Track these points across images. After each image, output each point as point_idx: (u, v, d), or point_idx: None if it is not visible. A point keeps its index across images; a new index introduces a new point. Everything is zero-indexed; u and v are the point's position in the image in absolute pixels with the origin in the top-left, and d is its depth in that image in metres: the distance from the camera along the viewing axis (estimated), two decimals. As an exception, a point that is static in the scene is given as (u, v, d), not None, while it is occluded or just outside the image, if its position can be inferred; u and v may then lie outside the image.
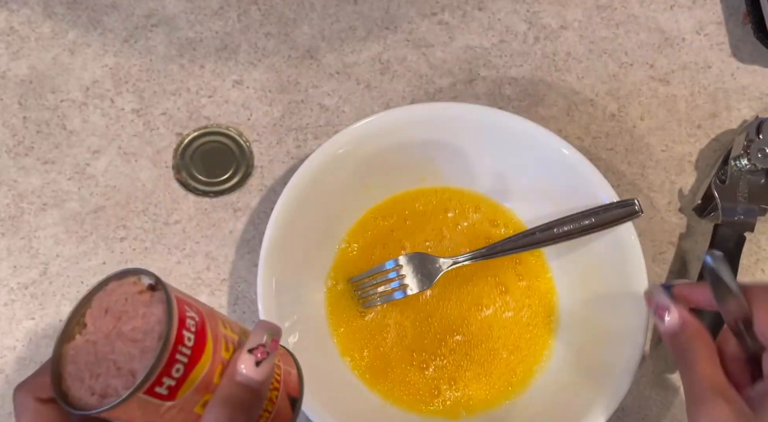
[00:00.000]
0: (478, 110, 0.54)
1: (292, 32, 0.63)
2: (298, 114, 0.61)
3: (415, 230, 0.57)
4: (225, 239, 0.58)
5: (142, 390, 0.30)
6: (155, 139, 0.60)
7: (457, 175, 0.57)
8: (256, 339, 0.33)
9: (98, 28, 0.62)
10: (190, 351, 0.31)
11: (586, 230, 0.52)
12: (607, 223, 0.52)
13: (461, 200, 0.58)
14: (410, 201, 0.58)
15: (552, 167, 0.54)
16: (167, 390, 0.31)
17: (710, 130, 0.62)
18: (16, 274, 0.57)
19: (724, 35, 0.64)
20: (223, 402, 0.32)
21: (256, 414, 0.33)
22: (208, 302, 0.57)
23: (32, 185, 0.58)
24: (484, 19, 0.64)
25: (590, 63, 0.64)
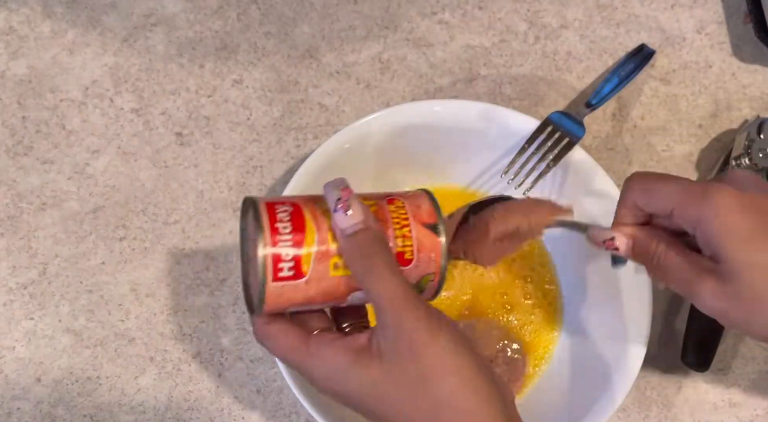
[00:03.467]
0: (480, 107, 0.54)
1: (291, 32, 0.63)
2: (297, 114, 0.61)
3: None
4: (225, 239, 0.58)
5: (268, 282, 0.37)
6: (155, 138, 0.60)
7: (460, 172, 0.57)
8: (331, 198, 0.38)
9: (97, 27, 0.62)
10: (290, 236, 0.37)
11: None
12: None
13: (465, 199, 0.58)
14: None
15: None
16: (292, 272, 0.37)
17: (711, 129, 0.62)
18: (15, 274, 0.56)
19: (725, 35, 0.64)
20: (350, 257, 0.37)
21: (382, 246, 0.37)
22: (207, 302, 0.57)
23: (31, 184, 0.58)
24: (484, 19, 0.64)
25: (591, 62, 0.63)
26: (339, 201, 0.37)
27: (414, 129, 0.55)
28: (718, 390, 0.57)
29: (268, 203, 0.39)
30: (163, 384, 0.55)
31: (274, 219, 0.38)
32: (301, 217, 0.38)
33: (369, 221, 0.38)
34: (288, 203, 0.39)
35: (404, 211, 0.40)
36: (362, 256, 0.37)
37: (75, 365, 0.55)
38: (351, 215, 0.37)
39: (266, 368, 0.56)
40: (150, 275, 0.57)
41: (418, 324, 0.36)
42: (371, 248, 0.37)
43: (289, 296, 0.38)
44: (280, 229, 0.38)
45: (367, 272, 0.37)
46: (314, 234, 0.38)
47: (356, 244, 0.37)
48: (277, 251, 0.37)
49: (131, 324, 0.56)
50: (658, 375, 0.57)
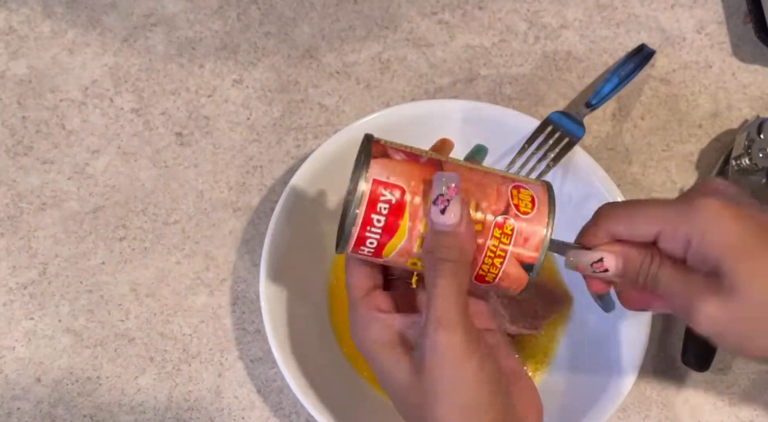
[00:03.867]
0: (480, 107, 0.54)
1: (291, 32, 0.63)
2: (297, 114, 0.61)
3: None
4: (225, 239, 0.58)
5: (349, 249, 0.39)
6: (155, 138, 0.60)
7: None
8: (436, 190, 0.37)
9: (97, 27, 0.62)
10: (380, 231, 0.38)
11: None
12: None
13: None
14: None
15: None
16: (371, 252, 0.39)
17: (711, 129, 0.62)
18: (15, 274, 0.56)
19: (725, 35, 0.64)
20: (427, 252, 0.38)
21: (463, 255, 0.37)
22: (207, 302, 0.57)
23: (31, 184, 0.58)
24: (484, 19, 0.64)
25: (591, 62, 0.63)
26: (441, 196, 0.37)
27: (414, 129, 0.55)
28: (718, 390, 0.57)
29: (376, 182, 0.38)
30: (163, 384, 0.55)
31: (373, 208, 0.38)
32: (399, 214, 0.38)
33: (461, 228, 0.37)
34: (397, 192, 0.38)
35: (508, 243, 0.39)
36: (437, 255, 0.37)
37: (75, 365, 0.55)
38: (446, 216, 0.37)
39: (266, 368, 0.56)
40: (150, 275, 0.57)
41: (450, 346, 0.36)
42: (450, 253, 0.37)
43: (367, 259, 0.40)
44: (374, 221, 0.38)
45: (434, 274, 0.37)
46: (403, 238, 0.38)
47: (438, 244, 0.37)
48: (365, 235, 0.38)
49: (131, 324, 0.56)
50: (658, 375, 0.57)
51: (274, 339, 0.49)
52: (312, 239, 0.54)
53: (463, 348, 0.36)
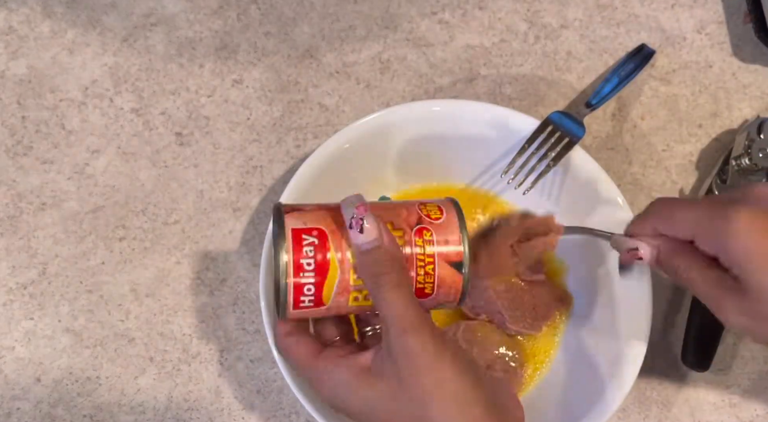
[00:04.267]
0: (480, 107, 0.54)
1: (291, 31, 0.63)
2: (297, 114, 0.61)
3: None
4: (224, 239, 0.58)
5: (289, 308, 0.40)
6: (154, 138, 0.60)
7: (460, 171, 0.57)
8: (347, 214, 0.39)
9: (97, 27, 0.62)
10: (313, 274, 0.39)
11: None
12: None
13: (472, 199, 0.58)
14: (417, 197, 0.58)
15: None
16: (312, 303, 0.40)
17: (711, 129, 0.62)
18: (15, 274, 0.56)
19: (725, 35, 0.64)
20: (363, 274, 0.39)
21: (396, 262, 0.38)
22: (207, 302, 0.57)
23: (31, 184, 0.58)
24: (484, 19, 0.64)
25: (591, 62, 0.63)
26: (353, 219, 0.38)
27: (414, 129, 0.55)
28: (718, 390, 0.57)
29: (295, 231, 0.40)
30: (162, 384, 0.55)
31: (299, 253, 0.39)
32: (325, 251, 0.39)
33: (384, 239, 0.38)
34: (315, 232, 0.40)
35: (431, 246, 0.41)
36: (374, 274, 0.38)
37: (75, 365, 0.55)
38: (365, 233, 0.38)
39: (266, 368, 0.56)
40: (150, 275, 0.57)
41: (422, 348, 0.36)
42: (383, 266, 0.38)
43: (311, 315, 0.41)
44: (304, 266, 0.39)
45: (377, 288, 0.38)
46: (336, 273, 0.39)
47: (370, 261, 0.38)
48: (300, 281, 0.39)
49: (131, 324, 0.56)
50: (658, 375, 0.57)
51: (273, 339, 0.49)
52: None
53: (433, 345, 0.36)
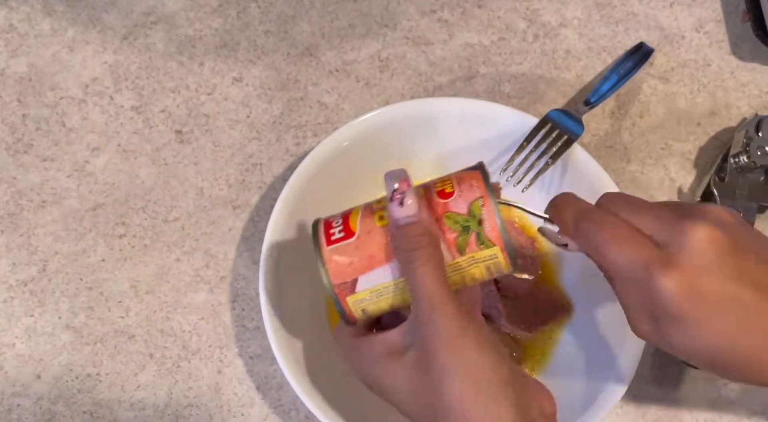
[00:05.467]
0: (479, 104, 0.55)
1: (291, 30, 0.63)
2: (297, 112, 0.61)
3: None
4: (224, 237, 0.58)
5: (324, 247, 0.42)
6: (154, 136, 0.60)
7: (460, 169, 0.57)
8: (389, 187, 0.40)
9: (97, 25, 0.62)
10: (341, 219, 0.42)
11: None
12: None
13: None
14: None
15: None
16: (342, 233, 0.41)
17: (710, 128, 0.62)
18: (15, 271, 0.57)
19: (723, 33, 0.64)
20: (398, 246, 0.39)
21: (432, 239, 0.39)
22: (206, 299, 0.57)
23: (31, 182, 0.58)
24: (483, 17, 0.64)
25: (589, 61, 0.64)
26: (396, 192, 0.39)
27: (413, 127, 0.55)
28: (716, 387, 0.57)
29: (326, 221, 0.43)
30: (162, 381, 0.55)
31: (328, 226, 0.43)
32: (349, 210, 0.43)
33: (422, 215, 0.39)
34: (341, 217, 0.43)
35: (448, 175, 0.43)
36: (408, 247, 0.38)
37: (75, 361, 0.55)
38: (405, 207, 0.39)
39: (265, 365, 0.56)
40: (150, 273, 0.57)
41: (447, 324, 0.37)
42: (418, 240, 0.38)
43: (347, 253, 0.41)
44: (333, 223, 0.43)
45: (409, 263, 0.38)
46: (358, 210, 0.42)
47: (405, 235, 0.39)
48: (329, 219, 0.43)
49: (131, 321, 0.56)
50: (656, 371, 0.57)
51: (273, 335, 0.49)
52: (311, 237, 0.54)
53: (458, 323, 0.37)
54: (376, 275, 0.41)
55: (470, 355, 0.36)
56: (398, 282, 0.41)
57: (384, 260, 0.40)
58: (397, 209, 0.39)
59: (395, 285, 0.41)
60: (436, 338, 0.37)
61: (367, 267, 0.40)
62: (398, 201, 0.39)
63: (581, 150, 0.54)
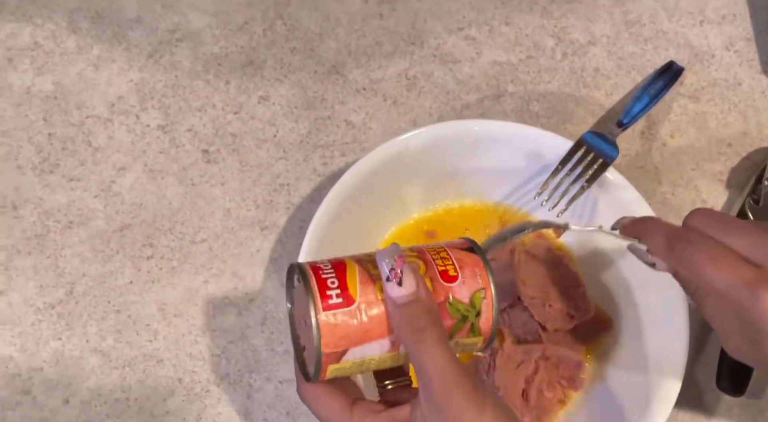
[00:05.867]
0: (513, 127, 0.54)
1: (317, 47, 0.63)
2: (324, 131, 0.61)
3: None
4: (252, 258, 0.58)
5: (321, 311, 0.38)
6: (181, 156, 0.59)
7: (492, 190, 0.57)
8: (384, 267, 0.38)
9: (123, 43, 0.62)
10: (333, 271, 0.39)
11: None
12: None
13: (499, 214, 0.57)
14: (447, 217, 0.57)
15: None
16: (341, 299, 0.38)
17: (741, 148, 0.62)
18: (43, 293, 0.56)
19: (754, 52, 0.64)
20: (400, 328, 0.38)
21: (433, 315, 0.38)
22: (235, 322, 0.56)
23: (58, 202, 0.58)
24: (511, 35, 0.64)
25: (619, 79, 0.63)
26: (392, 271, 0.38)
27: (447, 148, 0.54)
28: (752, 415, 0.56)
29: (311, 264, 0.40)
30: (192, 406, 0.55)
31: (317, 269, 0.39)
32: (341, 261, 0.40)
33: (421, 292, 0.38)
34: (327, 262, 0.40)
35: (437, 245, 0.42)
36: (413, 329, 0.37)
37: (103, 386, 0.55)
38: (404, 286, 0.37)
39: (295, 390, 0.55)
40: (177, 295, 0.57)
41: (465, 401, 0.36)
42: (422, 320, 0.37)
43: (346, 321, 0.38)
44: (321, 267, 0.39)
45: (416, 344, 0.37)
46: (355, 268, 0.39)
47: (407, 315, 0.37)
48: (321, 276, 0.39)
49: (159, 345, 0.56)
50: (691, 398, 0.56)
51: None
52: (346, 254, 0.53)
53: (475, 398, 0.36)
54: (367, 349, 0.39)
55: None
56: (384, 356, 0.39)
57: (378, 335, 0.38)
58: (394, 288, 0.37)
59: (380, 358, 0.39)
60: (459, 418, 0.36)
61: (361, 341, 0.38)
62: (396, 280, 0.37)
63: (616, 173, 0.54)
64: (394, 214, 0.57)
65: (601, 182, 0.53)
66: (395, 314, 0.38)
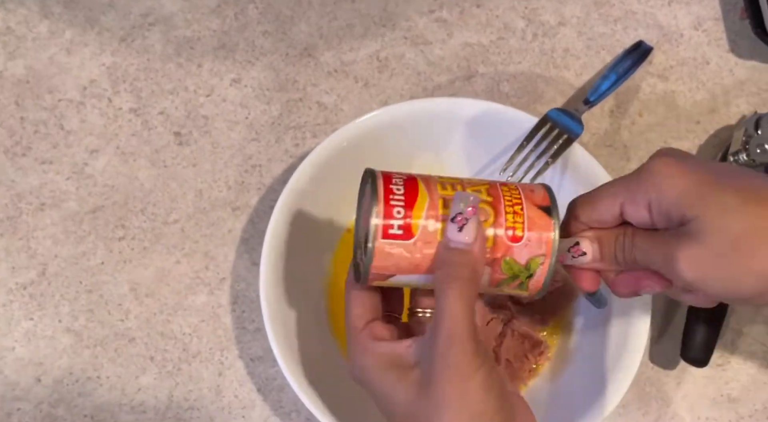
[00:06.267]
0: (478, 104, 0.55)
1: (289, 30, 0.63)
2: (296, 112, 0.61)
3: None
4: (224, 239, 0.58)
5: (379, 237, 0.39)
6: (153, 138, 0.60)
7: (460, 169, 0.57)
8: (455, 208, 0.38)
9: (95, 27, 0.62)
10: (403, 197, 0.39)
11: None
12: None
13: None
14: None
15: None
16: (401, 231, 0.39)
17: (709, 126, 0.62)
18: (15, 274, 0.56)
19: (722, 31, 0.64)
20: (441, 264, 0.38)
21: (474, 274, 0.38)
22: (206, 301, 0.57)
23: (30, 185, 0.58)
24: (482, 16, 0.64)
25: (588, 59, 0.63)
26: (460, 215, 0.38)
27: (413, 127, 0.55)
28: (717, 386, 0.57)
29: (385, 175, 0.41)
30: (163, 384, 0.55)
31: (388, 182, 0.40)
32: (413, 186, 0.40)
33: (475, 247, 0.38)
34: (403, 176, 0.41)
35: (517, 193, 0.41)
36: (449, 273, 0.38)
37: (75, 365, 0.55)
38: (462, 234, 0.38)
39: (266, 366, 0.56)
40: (149, 275, 0.57)
41: (463, 358, 0.36)
42: (461, 270, 0.38)
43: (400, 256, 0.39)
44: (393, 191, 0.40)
45: (445, 288, 0.37)
46: (425, 201, 0.39)
47: (451, 260, 0.38)
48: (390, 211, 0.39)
49: (131, 324, 0.56)
50: (657, 370, 0.57)
51: (274, 337, 0.49)
52: (311, 238, 0.54)
53: (471, 360, 0.37)
54: (412, 278, 0.40)
55: (475, 393, 0.36)
56: (428, 285, 0.41)
57: (425, 269, 0.40)
58: (454, 231, 0.38)
59: (423, 286, 0.41)
60: (447, 372, 0.36)
61: (409, 271, 0.40)
62: (459, 224, 0.38)
63: (581, 149, 0.54)
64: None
65: (567, 158, 0.54)
66: (441, 253, 0.38)
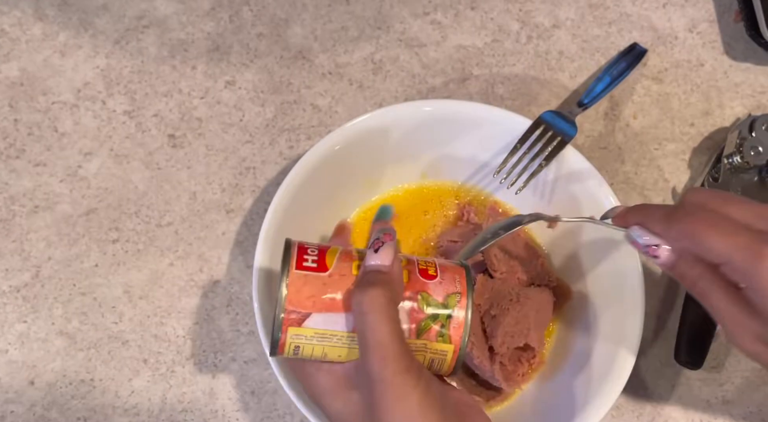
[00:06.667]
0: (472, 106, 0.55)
1: (284, 33, 0.63)
2: (290, 115, 0.61)
3: (412, 227, 0.57)
4: (218, 241, 0.58)
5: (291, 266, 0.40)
6: (147, 140, 0.60)
7: (453, 171, 0.57)
8: (373, 234, 0.41)
9: (89, 29, 0.62)
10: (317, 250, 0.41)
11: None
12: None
13: (458, 196, 0.58)
14: (409, 197, 0.58)
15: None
16: (315, 264, 0.40)
17: (703, 128, 0.62)
18: (8, 277, 0.56)
19: (716, 33, 0.64)
20: (358, 290, 0.38)
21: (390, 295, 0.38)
22: (200, 304, 0.57)
23: (24, 187, 0.58)
24: (476, 19, 0.64)
25: (583, 61, 0.63)
26: (377, 239, 0.39)
27: (407, 129, 0.55)
28: (711, 388, 0.57)
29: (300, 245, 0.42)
30: (156, 386, 0.55)
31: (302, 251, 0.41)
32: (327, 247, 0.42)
33: (393, 268, 0.39)
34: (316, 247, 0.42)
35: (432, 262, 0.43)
36: (368, 294, 0.37)
37: (68, 368, 0.55)
38: (379, 254, 0.39)
39: (260, 369, 0.56)
40: (143, 278, 0.57)
41: (395, 378, 0.36)
42: (379, 289, 0.37)
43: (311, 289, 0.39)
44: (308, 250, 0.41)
45: (366, 310, 0.37)
46: (337, 251, 0.41)
47: (369, 279, 0.38)
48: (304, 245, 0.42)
49: (125, 327, 0.56)
50: (651, 373, 0.57)
51: (267, 340, 0.49)
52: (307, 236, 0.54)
53: (406, 379, 0.36)
54: (330, 320, 0.39)
55: (416, 413, 0.36)
56: (346, 335, 0.39)
57: (344, 308, 0.39)
58: (372, 255, 0.39)
59: (341, 336, 0.39)
60: (385, 396, 0.36)
61: (326, 308, 0.39)
62: (375, 247, 0.39)
63: (574, 151, 0.54)
64: (355, 196, 0.57)
65: (560, 161, 0.54)
66: (360, 278, 0.39)
